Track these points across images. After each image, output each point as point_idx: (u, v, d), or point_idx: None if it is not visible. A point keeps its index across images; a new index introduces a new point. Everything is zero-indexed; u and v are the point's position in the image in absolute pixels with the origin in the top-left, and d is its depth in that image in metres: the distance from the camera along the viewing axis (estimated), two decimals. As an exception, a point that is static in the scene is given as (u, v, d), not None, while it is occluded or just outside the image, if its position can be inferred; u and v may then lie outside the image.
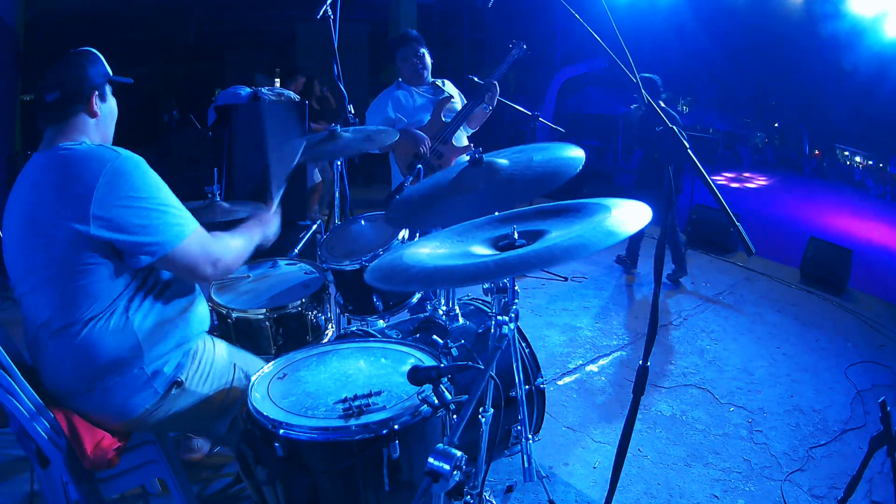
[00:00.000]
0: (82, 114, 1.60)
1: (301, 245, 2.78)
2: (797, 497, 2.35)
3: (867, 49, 6.84)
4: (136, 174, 1.52)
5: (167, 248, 1.52)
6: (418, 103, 3.27)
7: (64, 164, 1.50)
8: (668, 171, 1.32)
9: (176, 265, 1.58)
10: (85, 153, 1.51)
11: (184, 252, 1.55)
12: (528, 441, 1.81)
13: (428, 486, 1.07)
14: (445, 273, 1.25)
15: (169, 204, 1.55)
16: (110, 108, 1.70)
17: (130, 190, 1.49)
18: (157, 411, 1.61)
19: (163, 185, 1.57)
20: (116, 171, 1.49)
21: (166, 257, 1.53)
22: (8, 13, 6.09)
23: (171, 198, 1.58)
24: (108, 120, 1.69)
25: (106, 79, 1.66)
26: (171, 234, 1.53)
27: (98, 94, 1.62)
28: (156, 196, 1.53)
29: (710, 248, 5.61)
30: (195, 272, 1.61)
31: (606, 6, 1.38)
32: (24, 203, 1.54)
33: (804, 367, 3.42)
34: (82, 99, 1.59)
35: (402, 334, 2.00)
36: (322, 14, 2.87)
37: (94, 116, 1.63)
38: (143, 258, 1.51)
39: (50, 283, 1.50)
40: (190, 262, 1.58)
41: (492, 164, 1.66)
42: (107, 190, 1.46)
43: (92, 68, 1.62)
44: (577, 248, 1.15)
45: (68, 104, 1.58)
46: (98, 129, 1.65)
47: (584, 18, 1.38)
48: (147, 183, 1.53)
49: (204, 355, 1.71)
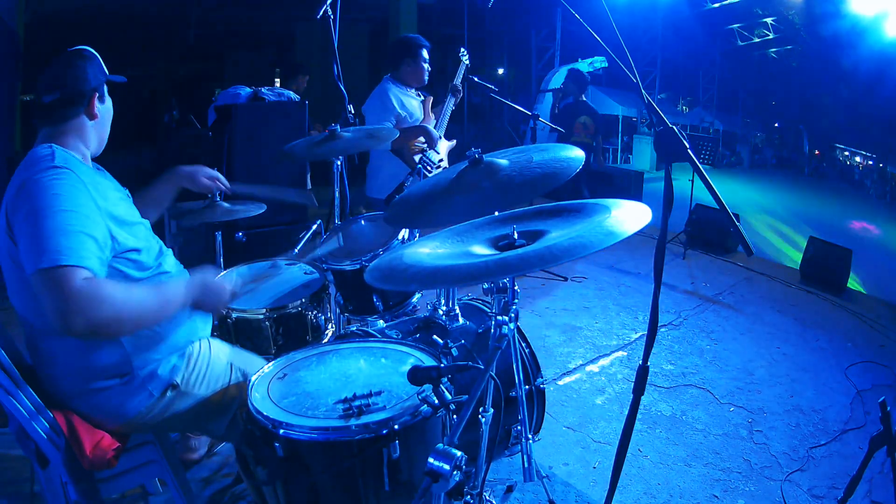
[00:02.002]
0: (82, 116, 1.57)
1: (301, 245, 2.78)
2: (797, 497, 2.35)
3: (867, 49, 6.84)
4: (52, 184, 1.39)
5: (33, 266, 1.30)
6: (413, 103, 3.41)
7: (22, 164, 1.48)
8: (668, 170, 1.31)
9: (39, 289, 1.30)
10: (28, 157, 1.48)
11: (49, 278, 1.29)
12: (528, 441, 1.81)
13: (428, 486, 1.07)
14: (445, 273, 1.25)
15: (65, 230, 1.34)
16: (108, 109, 1.67)
17: (35, 198, 1.37)
18: (153, 413, 1.61)
19: (77, 208, 1.39)
20: (36, 177, 1.40)
21: (35, 275, 1.30)
22: (8, 13, 6.09)
23: (75, 222, 1.37)
24: (106, 121, 1.66)
25: (105, 79, 1.63)
26: (44, 254, 1.30)
27: (98, 96, 1.60)
28: (57, 212, 1.36)
29: (710, 248, 5.61)
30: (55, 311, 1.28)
31: (606, 6, 1.38)
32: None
33: (804, 367, 3.42)
34: (83, 101, 1.56)
35: (402, 334, 2.00)
36: (322, 14, 2.88)
37: (95, 118, 1.60)
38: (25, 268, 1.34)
39: (19, 286, 1.47)
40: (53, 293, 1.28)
41: (491, 164, 1.66)
42: (21, 192, 1.40)
43: (91, 69, 1.59)
44: (577, 248, 1.15)
45: (68, 106, 1.55)
46: (96, 131, 1.63)
47: (584, 18, 1.38)
48: (57, 194, 1.38)
49: (200, 357, 1.71)
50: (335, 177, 2.83)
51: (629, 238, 1.16)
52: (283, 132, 4.11)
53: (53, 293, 1.29)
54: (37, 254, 1.31)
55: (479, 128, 10.89)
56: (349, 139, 2.48)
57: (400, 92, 3.37)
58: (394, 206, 1.79)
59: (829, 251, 4.98)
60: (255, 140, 4.12)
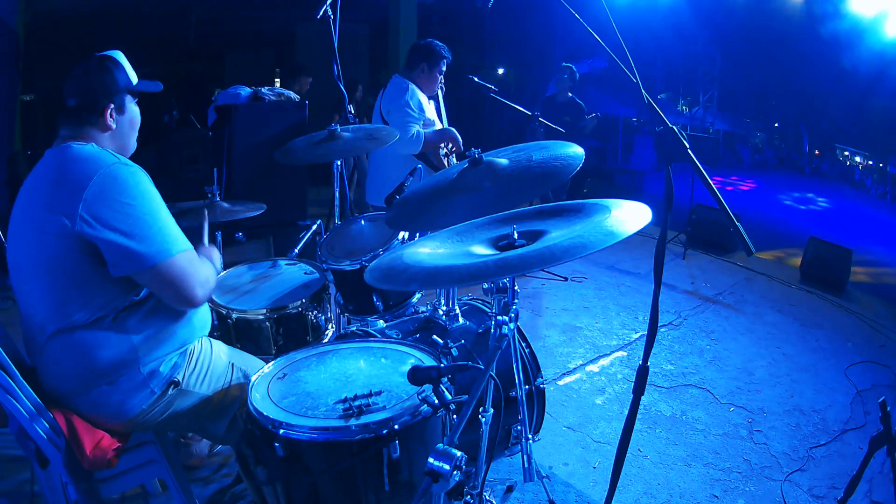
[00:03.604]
0: (96, 125, 1.57)
1: (301, 245, 2.78)
2: (797, 497, 2.35)
3: (867, 49, 6.83)
4: (131, 181, 1.48)
5: (152, 261, 1.45)
6: (431, 107, 3.43)
7: (64, 160, 1.49)
8: (668, 170, 1.31)
9: (160, 281, 1.49)
10: (87, 154, 1.50)
11: (171, 269, 1.48)
12: (528, 441, 1.81)
13: (428, 486, 1.07)
14: (445, 273, 1.25)
15: (160, 218, 1.50)
16: (130, 119, 1.65)
17: (121, 195, 1.45)
18: (154, 411, 1.61)
19: (159, 202, 1.52)
20: (112, 174, 1.46)
21: (152, 270, 1.46)
22: (8, 13, 6.10)
23: (165, 214, 1.52)
24: (126, 130, 1.65)
25: (128, 88, 1.62)
26: (158, 247, 1.46)
27: (115, 108, 1.59)
28: (148, 206, 1.48)
29: (710, 248, 5.61)
30: (182, 292, 1.51)
31: (606, 6, 1.38)
32: (25, 197, 1.54)
33: (804, 367, 3.42)
34: (96, 112, 1.56)
35: (402, 334, 2.00)
36: (322, 14, 2.88)
37: (108, 130, 1.59)
38: (125, 266, 1.45)
39: (42, 282, 1.49)
40: (177, 280, 1.49)
41: (491, 163, 1.66)
42: (98, 190, 1.43)
43: (111, 79, 1.58)
44: (577, 248, 1.15)
45: (83, 113, 1.56)
46: (113, 141, 1.61)
47: (584, 18, 1.38)
48: (141, 192, 1.49)
49: (201, 355, 1.71)
50: (335, 177, 2.83)
51: (629, 238, 1.16)
52: (283, 132, 4.11)
53: (183, 276, 1.50)
54: (159, 246, 1.46)
55: (478, 127, 10.91)
56: (349, 140, 2.48)
57: (420, 94, 3.32)
58: (394, 208, 1.79)
59: (829, 251, 4.98)
60: (255, 140, 4.12)
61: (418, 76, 3.32)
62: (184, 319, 1.64)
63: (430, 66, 3.31)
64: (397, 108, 3.21)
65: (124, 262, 1.45)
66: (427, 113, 3.31)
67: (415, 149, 3.18)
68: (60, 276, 1.47)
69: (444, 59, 3.34)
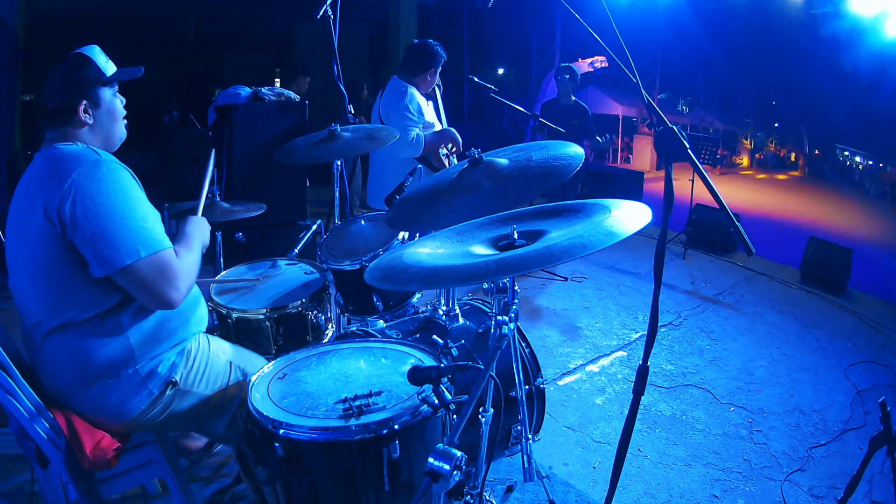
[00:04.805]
0: (73, 123, 1.57)
1: (301, 245, 2.78)
2: (797, 497, 2.35)
3: (867, 49, 6.82)
4: (107, 180, 1.47)
5: (121, 263, 1.43)
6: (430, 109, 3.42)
7: (49, 160, 1.50)
8: (669, 170, 1.31)
9: (133, 283, 1.46)
10: (69, 153, 1.50)
11: (141, 271, 1.45)
12: (528, 441, 1.81)
13: (428, 486, 1.07)
14: (445, 273, 1.25)
15: (133, 217, 1.46)
16: (108, 111, 1.64)
17: (95, 194, 1.44)
18: (153, 412, 1.61)
19: (135, 200, 1.49)
20: (88, 174, 1.45)
21: (123, 272, 1.44)
22: (8, 13, 6.10)
23: (140, 213, 1.48)
24: (106, 122, 1.64)
25: (101, 81, 1.61)
26: (127, 248, 1.43)
27: (89, 104, 1.58)
28: (121, 206, 1.46)
29: (710, 248, 5.61)
30: (156, 294, 1.48)
31: (606, 6, 1.38)
32: (17, 199, 1.55)
33: (804, 367, 3.42)
34: (71, 109, 1.56)
35: (402, 334, 2.00)
36: (322, 14, 2.88)
37: (84, 126, 1.59)
38: (98, 268, 1.44)
39: (35, 282, 1.50)
40: (149, 282, 1.46)
41: (491, 163, 1.66)
42: (74, 190, 1.43)
43: (81, 76, 1.57)
44: (577, 248, 1.15)
45: (61, 113, 1.56)
46: (95, 134, 1.61)
47: (584, 18, 1.38)
48: (115, 191, 1.46)
49: (199, 354, 1.70)
50: (335, 177, 2.83)
51: (629, 238, 1.16)
52: (283, 132, 4.11)
53: (155, 278, 1.46)
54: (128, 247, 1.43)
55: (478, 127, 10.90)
56: (349, 140, 2.48)
57: (419, 97, 3.32)
58: (394, 208, 1.79)
59: (829, 251, 4.98)
60: (255, 140, 4.12)
61: (416, 77, 3.32)
62: (179, 315, 1.64)
63: (427, 67, 3.31)
64: (396, 112, 3.21)
65: (96, 263, 1.44)
66: (426, 115, 3.31)
67: (415, 152, 3.18)
68: (52, 275, 1.48)
69: (440, 60, 3.34)
